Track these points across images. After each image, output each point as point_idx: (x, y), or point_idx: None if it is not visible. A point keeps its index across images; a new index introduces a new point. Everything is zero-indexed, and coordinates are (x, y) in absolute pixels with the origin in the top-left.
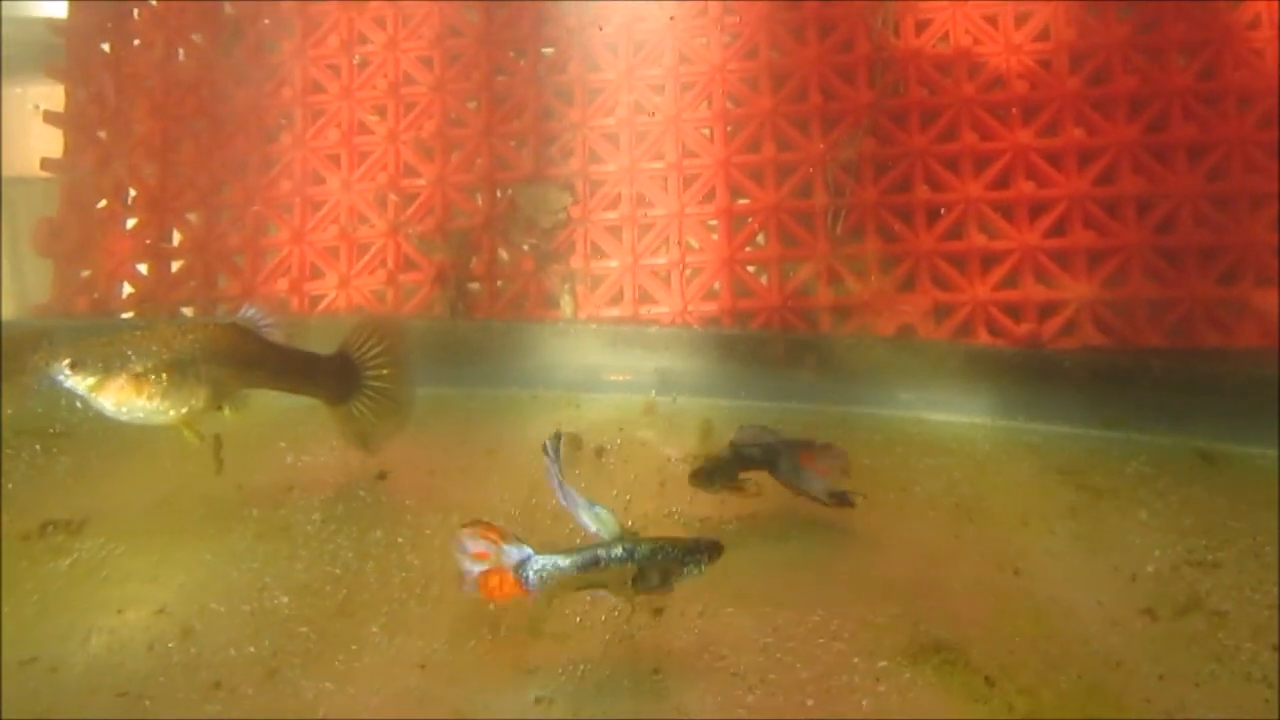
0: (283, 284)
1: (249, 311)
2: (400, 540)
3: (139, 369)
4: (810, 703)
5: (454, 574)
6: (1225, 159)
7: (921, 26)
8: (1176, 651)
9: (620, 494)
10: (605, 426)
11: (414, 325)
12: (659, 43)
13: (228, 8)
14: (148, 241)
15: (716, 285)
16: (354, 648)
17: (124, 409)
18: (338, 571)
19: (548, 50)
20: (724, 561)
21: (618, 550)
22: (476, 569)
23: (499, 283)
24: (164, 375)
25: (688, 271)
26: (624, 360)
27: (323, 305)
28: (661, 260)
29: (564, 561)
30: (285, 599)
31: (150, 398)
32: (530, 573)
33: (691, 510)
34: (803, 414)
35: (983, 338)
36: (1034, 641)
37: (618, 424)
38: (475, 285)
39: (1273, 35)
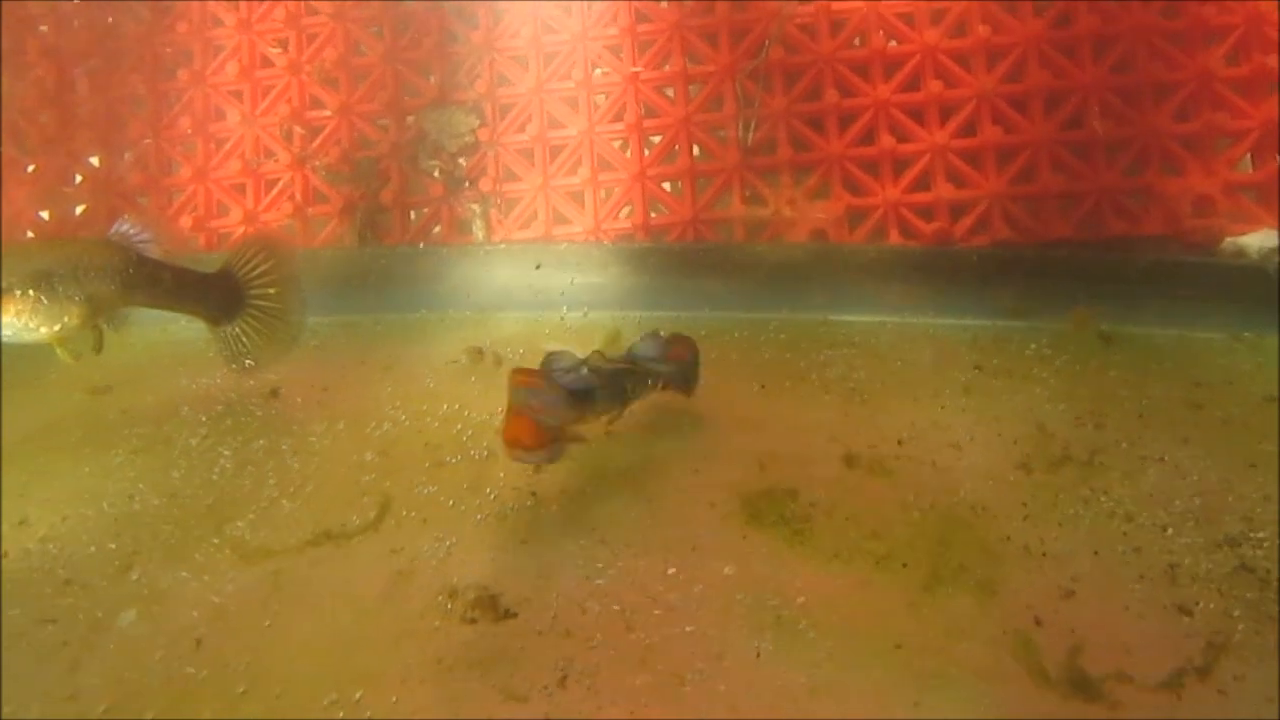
0: (187, 221)
1: (123, 227)
2: (284, 447)
3: (2, 286)
4: (672, 570)
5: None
6: (1130, 50)
7: None
8: (1043, 498)
9: None
10: (511, 340)
11: (323, 255)
12: None
13: None
14: (48, 186)
15: (629, 203)
16: (215, 541)
17: None
18: (214, 477)
19: None
20: (605, 447)
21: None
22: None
23: (410, 210)
24: (30, 291)
25: (600, 191)
26: (535, 279)
27: (230, 242)
28: (574, 180)
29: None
30: (156, 501)
31: (18, 314)
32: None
33: None
34: (712, 321)
35: (895, 239)
36: (899, 497)
37: (525, 338)
38: (386, 214)
39: None
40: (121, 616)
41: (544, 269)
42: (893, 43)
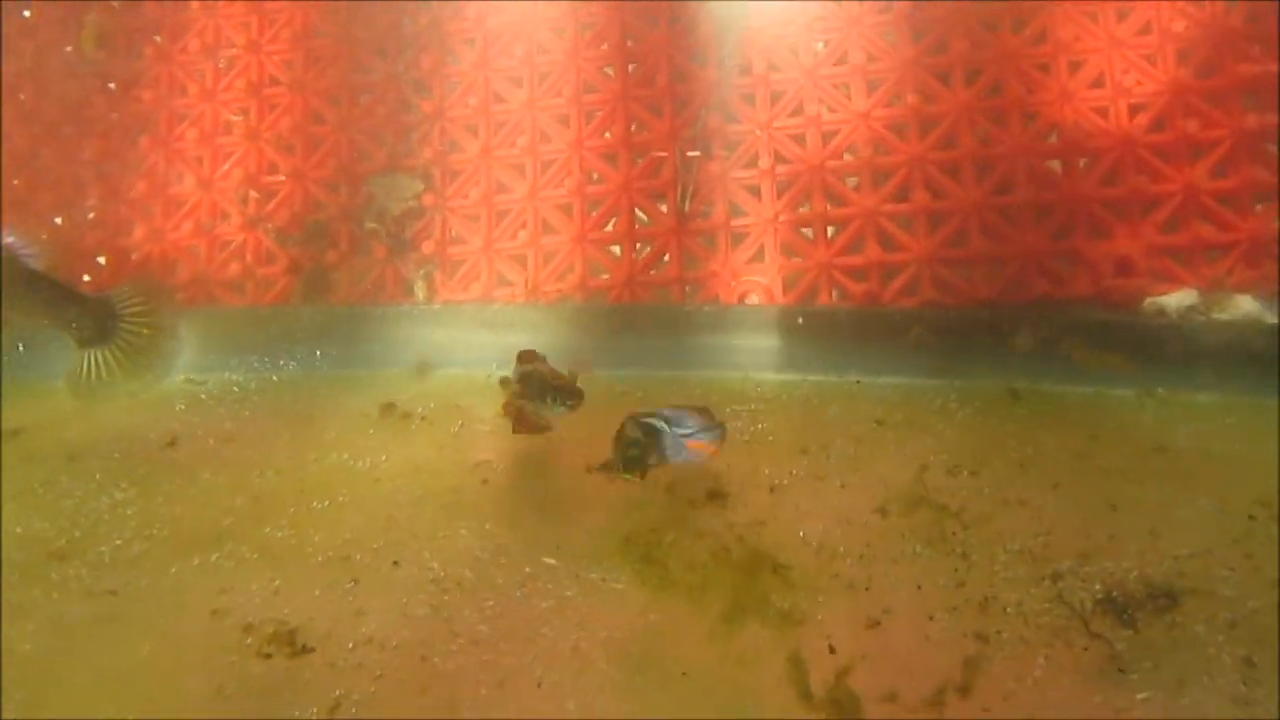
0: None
1: (8, 239)
2: (160, 494)
3: None
4: (490, 603)
5: None
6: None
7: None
8: (890, 540)
9: (424, 449)
10: (429, 396)
11: (263, 313)
12: (514, 35)
13: (94, 18)
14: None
15: (571, 265)
16: (54, 577)
17: None
18: (81, 518)
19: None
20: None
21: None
22: None
23: (356, 272)
24: None
25: (542, 253)
26: (469, 338)
27: (180, 299)
28: (516, 243)
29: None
30: (19, 530)
31: None
32: None
33: (473, 456)
34: (635, 379)
35: (825, 300)
36: (738, 536)
37: (444, 394)
38: (332, 274)
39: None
40: None
41: (479, 330)
42: (827, 111)
